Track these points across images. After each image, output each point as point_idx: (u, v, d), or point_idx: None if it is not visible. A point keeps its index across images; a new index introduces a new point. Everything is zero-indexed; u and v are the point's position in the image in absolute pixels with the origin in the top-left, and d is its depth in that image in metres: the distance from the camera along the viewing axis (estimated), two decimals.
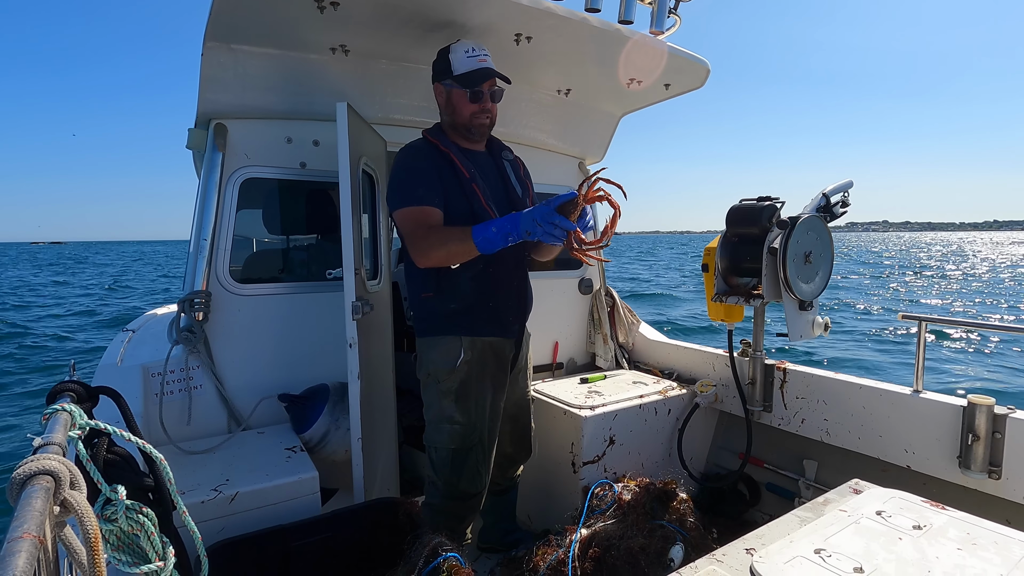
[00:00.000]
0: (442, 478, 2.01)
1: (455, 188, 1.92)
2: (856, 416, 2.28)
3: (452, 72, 1.91)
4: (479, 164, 2.03)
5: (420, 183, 1.88)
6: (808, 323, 2.38)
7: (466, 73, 1.90)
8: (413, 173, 1.90)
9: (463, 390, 1.95)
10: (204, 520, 1.71)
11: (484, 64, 1.91)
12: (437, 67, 1.98)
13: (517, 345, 2.13)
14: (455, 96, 1.95)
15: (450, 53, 1.93)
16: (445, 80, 1.95)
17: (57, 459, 0.70)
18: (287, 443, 2.18)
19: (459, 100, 1.95)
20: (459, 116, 1.97)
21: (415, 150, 1.97)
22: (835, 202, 2.40)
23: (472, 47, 1.92)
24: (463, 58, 1.91)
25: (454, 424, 1.95)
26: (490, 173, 2.06)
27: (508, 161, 2.15)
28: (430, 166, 1.91)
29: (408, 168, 1.92)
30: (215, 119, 2.36)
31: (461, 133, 2.01)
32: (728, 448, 2.84)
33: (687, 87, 2.85)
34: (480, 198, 1.94)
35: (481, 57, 1.92)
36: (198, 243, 2.32)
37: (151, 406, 2.15)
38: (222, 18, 1.98)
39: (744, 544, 1.29)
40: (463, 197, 1.92)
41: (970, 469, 1.96)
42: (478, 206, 1.93)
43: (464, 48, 1.92)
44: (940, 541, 1.20)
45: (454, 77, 1.91)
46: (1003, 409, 1.93)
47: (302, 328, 2.53)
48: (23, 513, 0.59)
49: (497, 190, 2.04)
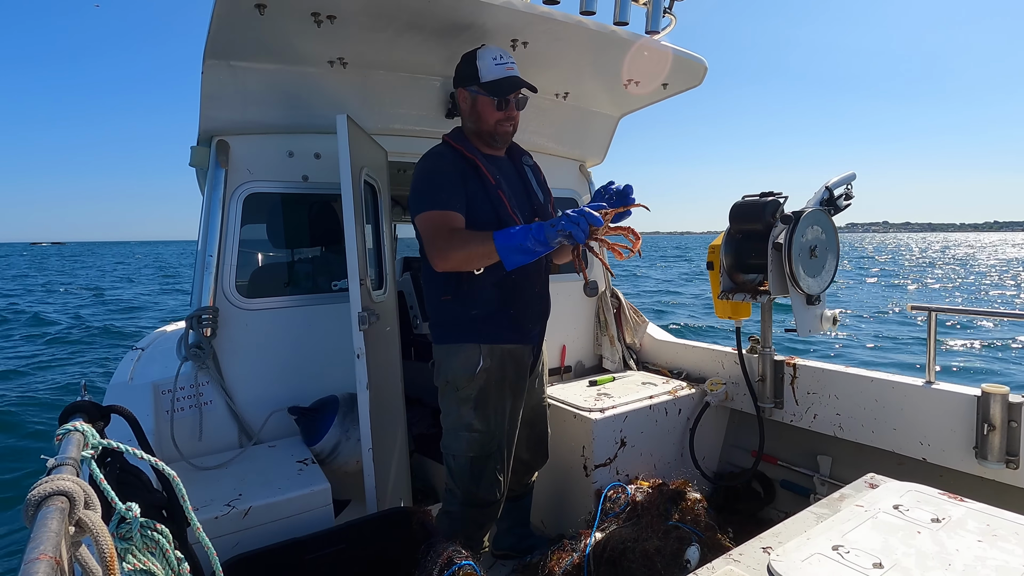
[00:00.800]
0: (461, 486, 2.00)
1: (481, 194, 1.91)
2: (869, 409, 2.26)
3: (479, 79, 1.89)
4: (502, 170, 2.02)
5: (443, 188, 1.86)
6: (816, 317, 2.37)
7: (494, 81, 1.88)
8: (436, 178, 1.89)
9: (482, 397, 1.94)
10: (218, 535, 1.71)
11: (512, 72, 1.90)
12: (462, 72, 1.95)
13: (536, 350, 2.12)
14: (481, 103, 1.93)
15: (477, 59, 1.90)
16: (470, 86, 1.92)
17: (71, 479, 0.70)
18: (298, 456, 2.18)
19: (485, 107, 1.93)
20: (484, 123, 1.95)
21: (438, 155, 1.95)
22: (838, 195, 2.38)
23: (500, 54, 1.90)
24: (491, 65, 1.88)
25: (472, 432, 1.95)
26: (513, 179, 2.05)
27: (529, 167, 2.14)
28: (454, 171, 1.90)
29: (431, 172, 1.90)
30: (217, 136, 2.38)
31: (484, 139, 1.99)
32: (740, 446, 2.82)
33: (685, 86, 2.85)
34: (506, 204, 1.93)
35: (508, 65, 1.90)
36: (204, 259, 2.34)
37: (162, 423, 2.16)
38: (221, 35, 2.00)
39: (761, 543, 1.28)
40: (489, 203, 1.91)
41: (987, 459, 1.94)
42: (504, 213, 1.92)
43: (492, 55, 1.90)
44: (959, 533, 1.18)
45: (481, 84, 1.89)
46: (1018, 397, 1.91)
47: (310, 340, 2.54)
48: (39, 534, 0.60)
49: (520, 196, 2.03)
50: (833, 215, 2.38)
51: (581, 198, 3.39)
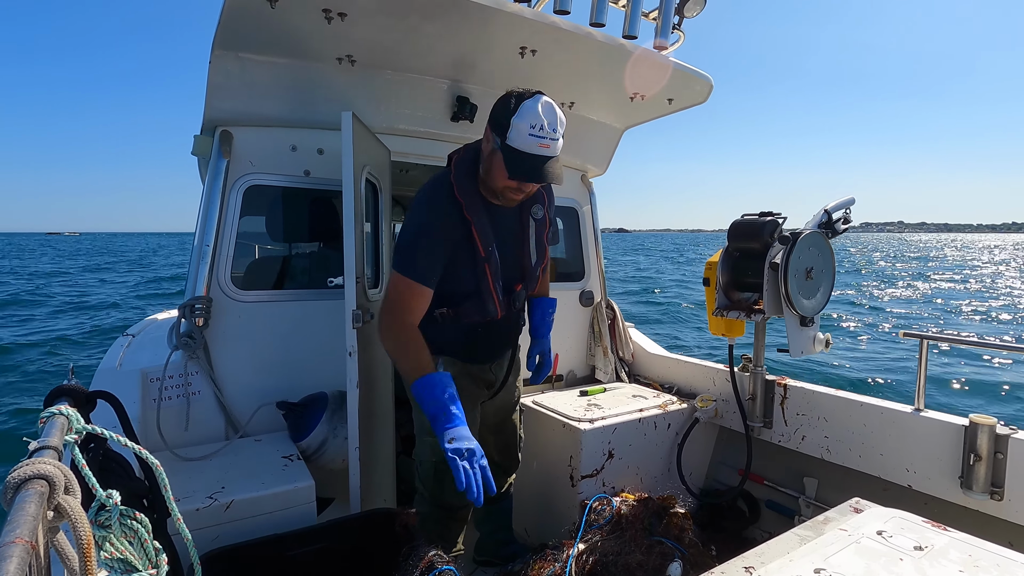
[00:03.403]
0: (428, 489, 2.02)
1: (467, 261, 1.81)
2: (857, 434, 2.26)
3: (505, 137, 1.64)
4: (501, 225, 1.86)
5: (426, 254, 1.74)
6: (809, 339, 2.37)
7: (518, 152, 1.63)
8: (422, 240, 1.74)
9: None
10: (199, 528, 1.70)
11: (543, 152, 1.64)
12: (496, 114, 1.70)
13: (499, 365, 2.11)
14: (496, 161, 1.70)
15: (515, 114, 1.62)
16: (496, 136, 1.68)
17: (52, 463, 0.70)
18: (284, 451, 2.17)
19: (498, 168, 1.70)
20: (492, 180, 1.76)
21: (437, 209, 1.77)
22: (837, 218, 2.40)
23: (541, 124, 1.60)
24: (524, 131, 1.61)
25: (433, 437, 1.93)
26: (509, 237, 1.91)
27: (536, 220, 1.95)
28: (444, 238, 1.75)
29: (421, 229, 1.76)
30: (221, 126, 2.38)
31: (491, 191, 1.81)
32: (728, 464, 2.81)
33: (690, 102, 2.87)
34: (488, 279, 1.82)
35: (544, 141, 1.62)
36: (201, 249, 2.33)
37: (149, 411, 2.14)
38: (231, 26, 2.01)
39: (743, 562, 1.28)
40: (472, 273, 1.82)
41: (972, 489, 1.94)
42: (484, 286, 1.83)
43: (531, 120, 1.60)
44: (941, 563, 1.18)
45: (505, 146, 1.65)
46: (1005, 429, 1.91)
47: (302, 336, 2.53)
48: (16, 517, 0.59)
49: (510, 260, 1.91)
50: (831, 238, 2.40)
51: (582, 208, 3.40)
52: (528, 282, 2.01)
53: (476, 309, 1.87)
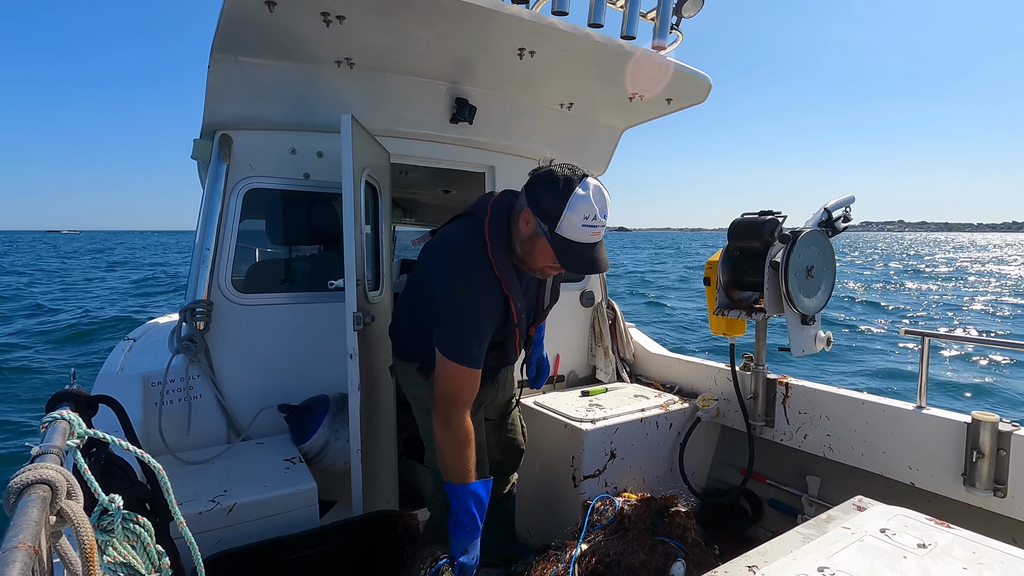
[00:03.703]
0: (443, 493, 2.00)
1: (499, 327, 1.83)
2: (859, 432, 2.26)
3: (556, 226, 1.59)
4: (526, 282, 1.90)
5: (479, 340, 1.70)
6: (810, 337, 2.37)
7: (570, 243, 1.59)
8: (477, 323, 1.70)
9: None
10: (201, 531, 1.70)
11: (595, 239, 1.62)
12: (543, 201, 1.61)
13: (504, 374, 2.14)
14: (540, 245, 1.66)
15: (567, 206, 1.56)
16: (543, 223, 1.62)
17: (54, 468, 0.70)
18: (286, 454, 2.17)
19: (542, 251, 1.66)
20: (531, 260, 1.73)
21: (481, 291, 1.70)
22: (836, 217, 2.40)
23: (594, 214, 1.56)
24: (577, 224, 1.57)
25: None
26: (531, 292, 1.97)
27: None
28: (491, 314, 1.73)
29: (469, 314, 1.69)
30: (220, 130, 2.38)
31: (526, 265, 1.78)
32: (730, 463, 2.81)
33: (689, 102, 2.87)
34: (516, 337, 1.89)
35: (595, 230, 1.59)
36: (201, 252, 2.33)
37: (151, 415, 2.14)
38: (230, 30, 2.01)
39: (746, 561, 1.27)
40: (501, 333, 1.84)
41: (975, 487, 1.94)
42: (511, 344, 1.90)
43: (586, 211, 1.56)
44: (945, 560, 1.18)
45: (554, 235, 1.60)
46: (1008, 426, 1.91)
47: (303, 338, 2.53)
48: (19, 523, 0.59)
49: (528, 312, 1.95)
50: (831, 236, 2.40)
51: None
52: (539, 321, 2.07)
53: (498, 357, 1.92)
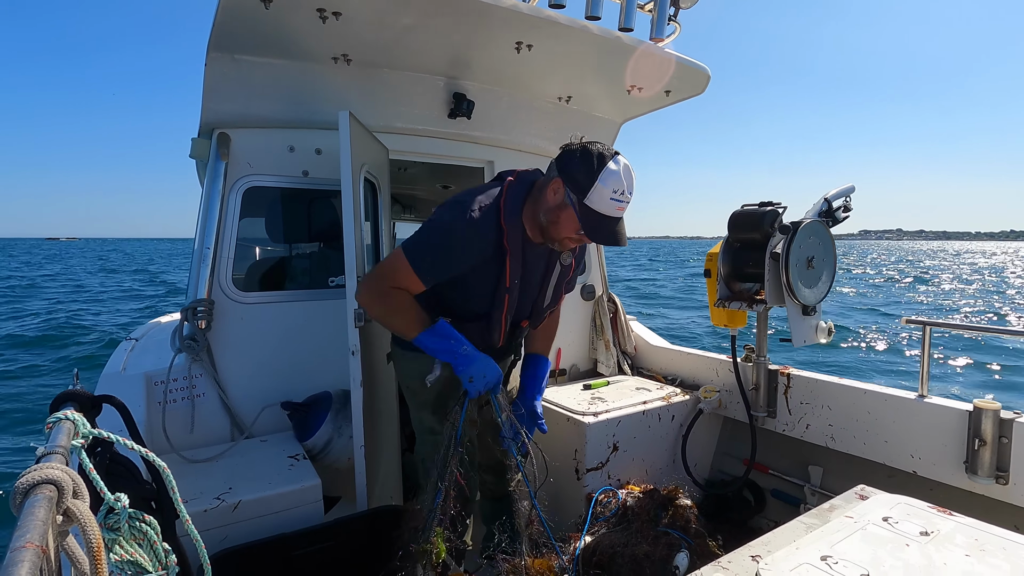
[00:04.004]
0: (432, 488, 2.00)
1: (488, 286, 1.78)
2: (861, 421, 2.27)
3: (585, 197, 1.63)
4: (530, 259, 1.84)
5: (439, 256, 1.70)
6: (811, 328, 2.37)
7: (598, 215, 1.63)
8: (447, 247, 1.70)
9: (439, 403, 1.92)
10: (207, 529, 1.71)
11: (620, 215, 1.67)
12: (574, 171, 1.65)
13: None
14: (566, 215, 1.68)
15: (598, 177, 1.61)
16: (572, 193, 1.65)
17: (60, 468, 0.70)
18: (290, 451, 2.18)
19: (568, 222, 1.69)
20: (554, 230, 1.72)
21: (476, 232, 1.70)
22: (837, 207, 2.40)
23: (624, 190, 1.63)
24: (607, 196, 1.62)
25: (435, 435, 1.91)
26: (533, 277, 1.89)
27: (563, 265, 1.95)
28: (470, 256, 1.71)
29: (450, 238, 1.70)
30: (218, 128, 2.38)
31: (540, 233, 1.77)
32: (732, 454, 2.82)
33: (687, 94, 2.86)
34: (503, 310, 1.81)
35: (621, 205, 1.65)
36: (201, 252, 2.33)
37: (154, 414, 2.15)
38: (226, 28, 2.00)
39: (750, 551, 1.28)
40: (489, 299, 1.79)
41: (977, 474, 1.95)
42: (496, 314, 1.82)
43: (615, 185, 1.62)
44: (948, 547, 1.18)
45: (582, 205, 1.64)
46: (1009, 414, 1.92)
47: (305, 336, 2.53)
48: (26, 523, 0.59)
49: (528, 296, 1.90)
50: (831, 227, 2.39)
51: None
52: (534, 321, 2.01)
53: (479, 334, 1.83)
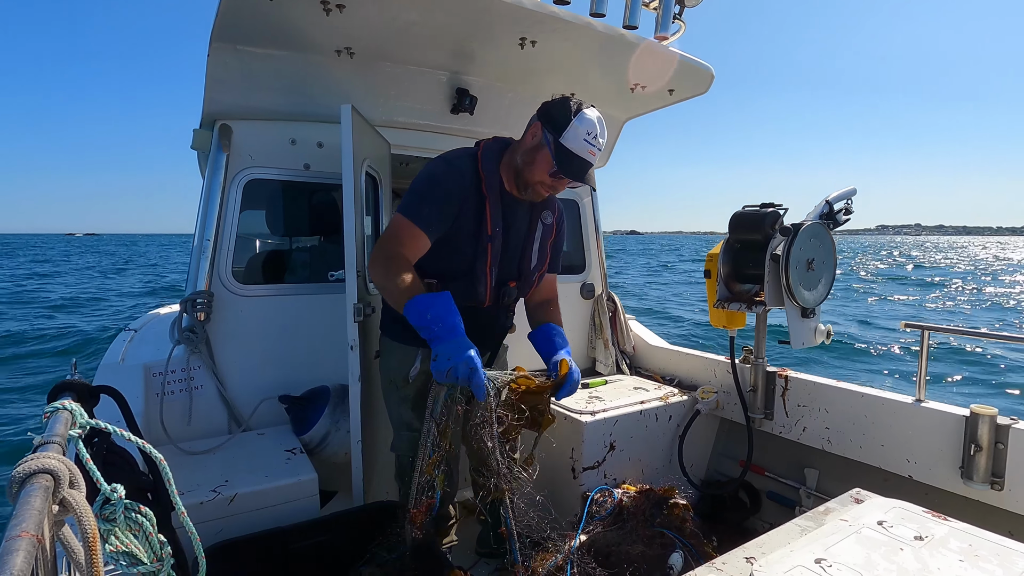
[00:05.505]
0: (407, 485, 1.95)
1: (470, 236, 1.79)
2: (858, 425, 2.27)
3: (560, 136, 1.69)
4: (512, 218, 1.86)
5: (434, 203, 1.73)
6: (810, 330, 2.37)
7: (570, 152, 1.69)
8: (435, 190, 1.74)
9: (420, 399, 1.88)
10: (203, 521, 1.71)
11: (589, 158, 1.72)
12: (553, 113, 1.73)
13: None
14: (542, 155, 1.74)
15: (574, 117, 1.69)
16: (548, 134, 1.72)
17: (57, 458, 0.70)
18: (287, 444, 2.18)
19: (542, 161, 1.74)
20: (528, 172, 1.77)
21: (455, 170, 1.78)
22: (838, 209, 2.39)
23: (596, 133, 1.70)
24: (580, 136, 1.68)
25: (414, 431, 1.90)
26: (516, 234, 1.90)
27: (545, 225, 1.97)
28: (456, 194, 1.75)
29: (435, 180, 1.75)
30: (220, 120, 2.37)
31: (516, 181, 1.82)
32: (729, 455, 2.82)
33: (691, 93, 2.86)
34: (488, 259, 1.80)
35: (592, 149, 1.71)
36: (201, 243, 2.33)
37: (152, 406, 2.15)
38: (229, 19, 1.99)
39: (744, 552, 1.28)
40: (472, 250, 1.79)
41: (972, 480, 1.95)
42: (480, 265, 1.80)
43: (587, 128, 1.69)
44: (942, 552, 1.19)
45: (557, 143, 1.70)
46: (1006, 419, 1.92)
47: (304, 330, 2.53)
48: (22, 512, 0.60)
49: (512, 254, 1.90)
50: (832, 229, 2.39)
51: (583, 200, 3.39)
52: (523, 284, 1.97)
53: (465, 290, 1.81)
